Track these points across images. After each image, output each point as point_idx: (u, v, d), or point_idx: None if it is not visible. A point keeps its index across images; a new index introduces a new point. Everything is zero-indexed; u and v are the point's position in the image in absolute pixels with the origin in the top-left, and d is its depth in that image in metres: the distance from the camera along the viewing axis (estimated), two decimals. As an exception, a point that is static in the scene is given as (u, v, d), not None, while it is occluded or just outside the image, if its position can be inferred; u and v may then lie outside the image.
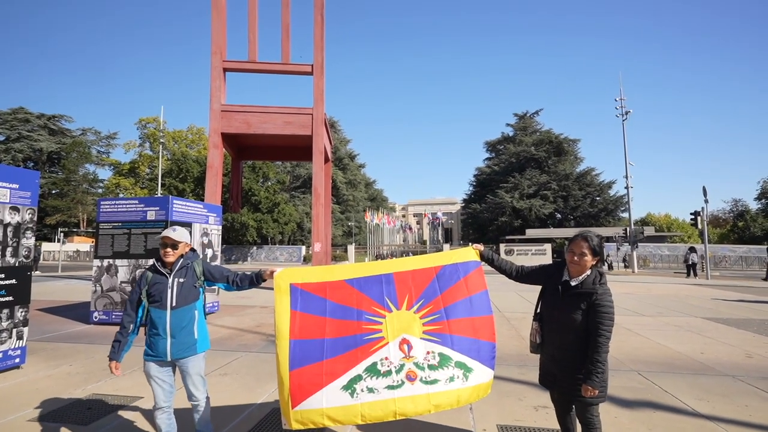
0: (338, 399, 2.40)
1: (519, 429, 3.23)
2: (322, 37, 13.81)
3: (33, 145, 46.66)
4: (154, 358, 2.52)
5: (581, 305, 2.32)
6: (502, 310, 9.24)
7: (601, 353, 2.24)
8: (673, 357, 5.47)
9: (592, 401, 2.34)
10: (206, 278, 2.69)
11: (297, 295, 2.61)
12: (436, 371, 2.50)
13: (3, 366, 4.55)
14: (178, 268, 2.58)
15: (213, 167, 12.98)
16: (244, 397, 3.88)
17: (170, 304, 2.51)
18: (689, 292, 13.67)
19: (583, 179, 47.22)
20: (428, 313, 2.65)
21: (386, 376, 2.46)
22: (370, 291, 2.69)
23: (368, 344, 2.54)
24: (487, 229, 48.25)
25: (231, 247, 39.87)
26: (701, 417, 3.49)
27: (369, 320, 2.61)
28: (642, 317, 8.59)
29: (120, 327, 2.53)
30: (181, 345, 2.52)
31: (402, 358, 2.52)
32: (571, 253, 2.41)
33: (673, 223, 60.13)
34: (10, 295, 4.64)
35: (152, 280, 2.55)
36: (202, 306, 2.68)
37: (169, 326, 2.49)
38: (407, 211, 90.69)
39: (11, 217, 4.71)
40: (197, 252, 2.75)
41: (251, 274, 2.69)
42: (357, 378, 2.44)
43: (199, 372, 2.63)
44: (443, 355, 2.55)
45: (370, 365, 2.49)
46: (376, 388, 2.43)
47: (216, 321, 7.83)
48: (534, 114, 54.17)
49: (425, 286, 2.73)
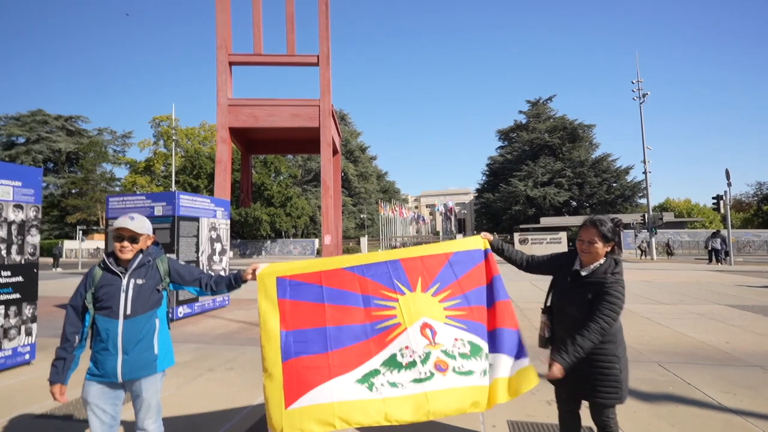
0: (353, 393, 1.91)
1: (531, 425, 3.07)
2: (327, 27, 13.58)
3: (52, 146, 47.83)
4: (100, 379, 2.00)
5: (591, 297, 2.11)
6: (516, 300, 9.03)
7: (587, 340, 1.99)
8: (696, 347, 5.21)
9: (607, 402, 2.12)
10: (173, 280, 2.21)
11: (285, 285, 2.19)
12: (469, 361, 2.08)
13: (13, 362, 4.60)
14: (135, 267, 2.07)
15: (222, 162, 12.98)
16: (248, 392, 3.81)
17: (123, 312, 2.00)
18: (711, 278, 13.18)
19: (599, 165, 46.09)
20: (448, 297, 2.29)
21: (410, 368, 2.01)
22: (375, 275, 2.29)
23: (382, 334, 2.11)
24: (501, 218, 47.66)
25: (245, 241, 40.35)
26: (728, 411, 3.27)
27: (379, 306, 2.20)
28: (661, 305, 8.27)
29: (61, 341, 2.01)
30: (135, 363, 2.01)
31: (426, 345, 2.08)
32: (581, 241, 2.21)
33: (694, 208, 58.37)
34: (17, 292, 4.66)
35: (100, 281, 2.03)
36: (164, 313, 2.18)
37: (121, 339, 1.98)
38: (420, 203, 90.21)
39: (15, 215, 4.71)
40: (161, 246, 2.29)
41: (229, 275, 2.26)
42: (374, 372, 1.99)
43: (156, 396, 2.12)
44: (474, 344, 2.16)
45: (389, 358, 2.04)
46: (400, 383, 1.97)
47: (226, 315, 7.85)
48: (547, 100, 52.95)
49: (439, 270, 2.39)
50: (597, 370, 2.09)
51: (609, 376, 2.09)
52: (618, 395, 2.10)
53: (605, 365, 2.09)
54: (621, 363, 2.12)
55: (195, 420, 3.22)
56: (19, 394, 3.85)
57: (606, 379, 2.09)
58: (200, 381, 4.15)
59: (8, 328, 4.56)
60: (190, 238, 7.76)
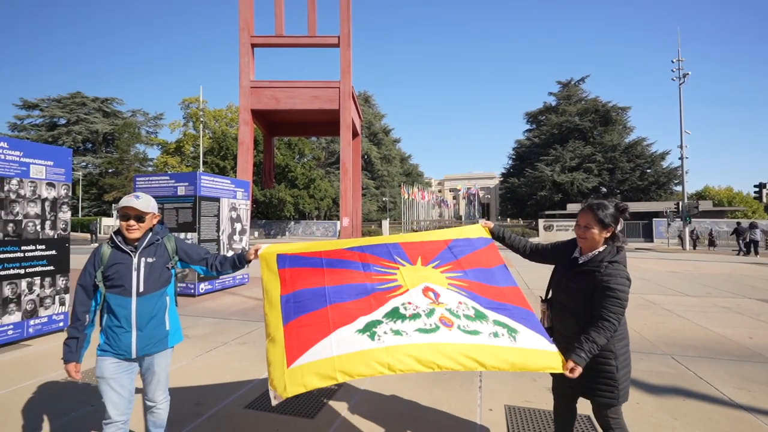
0: (354, 343, 1.81)
1: (528, 411, 3.09)
2: (348, 7, 13.39)
3: (90, 127, 50.05)
4: (114, 354, 2.05)
5: (586, 286, 2.00)
6: (531, 287, 8.90)
7: (602, 336, 1.91)
8: (716, 341, 5.02)
9: (601, 401, 2.02)
10: (180, 258, 2.28)
11: (285, 258, 2.27)
12: (474, 322, 1.96)
13: (48, 329, 4.99)
14: (145, 245, 2.11)
15: (244, 144, 13.25)
16: (258, 365, 3.99)
17: (136, 290, 2.04)
18: (745, 271, 12.52)
19: (633, 150, 43.93)
20: (449, 270, 2.29)
21: (414, 319, 1.92)
22: (375, 251, 2.32)
23: (383, 292, 2.08)
24: (526, 203, 46.60)
25: (270, 222, 41.34)
26: (738, 407, 3.17)
27: (379, 271, 2.19)
28: (686, 297, 7.97)
29: (72, 320, 2.06)
30: (149, 339, 2.08)
31: (430, 303, 2.02)
32: (577, 226, 2.11)
33: (736, 196, 55.10)
34: (51, 264, 5.01)
35: (110, 260, 2.06)
36: (173, 291, 2.25)
37: (135, 317, 2.04)
38: (443, 186, 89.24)
39: (48, 193, 5.02)
40: (166, 226, 2.33)
41: (233, 255, 2.33)
42: (376, 322, 1.92)
43: (166, 370, 2.22)
44: (478, 310, 2.06)
45: (391, 310, 1.97)
46: (404, 331, 1.86)
47: (244, 292, 8.16)
48: (579, 81, 50.51)
49: (438, 252, 2.42)
50: (591, 366, 1.96)
51: (603, 373, 1.99)
52: (613, 395, 1.98)
53: (599, 361, 1.97)
54: (618, 360, 1.98)
55: (204, 390, 3.42)
56: (53, 358, 4.18)
57: (600, 376, 1.99)
58: (214, 353, 4.38)
59: (44, 298, 4.93)
60: (211, 217, 8.03)
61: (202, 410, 3.04)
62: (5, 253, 4.54)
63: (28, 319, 4.77)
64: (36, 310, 4.84)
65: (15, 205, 4.66)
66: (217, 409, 3.07)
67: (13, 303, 4.61)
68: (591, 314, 1.98)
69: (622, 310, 1.94)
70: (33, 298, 4.81)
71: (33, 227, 4.82)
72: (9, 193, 4.60)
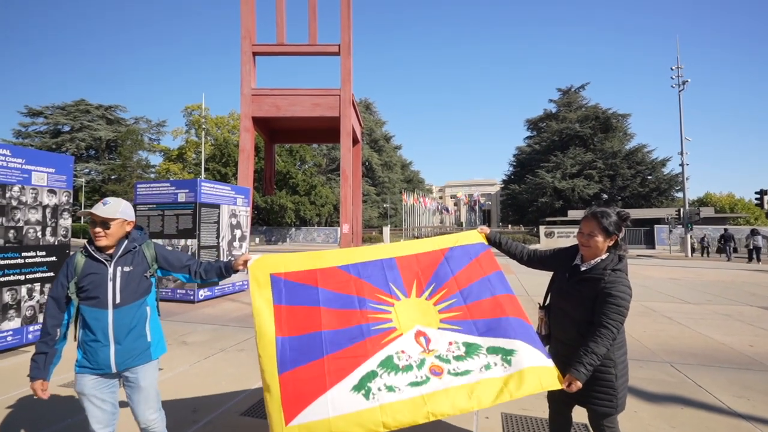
0: (349, 404, 1.88)
1: (525, 419, 3.08)
2: (349, 16, 13.54)
3: (93, 134, 50.41)
4: (92, 371, 1.93)
5: (588, 294, 1.99)
6: (531, 294, 8.89)
7: (600, 345, 1.89)
8: (716, 349, 5.00)
9: (599, 410, 2.00)
10: (160, 266, 2.16)
11: (280, 286, 2.19)
12: (464, 361, 2.04)
13: (47, 335, 5.00)
14: (121, 254, 1.99)
15: (245, 151, 13.33)
16: (255, 372, 3.98)
17: (112, 301, 1.93)
18: (748, 278, 12.47)
19: (633, 157, 43.98)
20: (443, 298, 2.31)
21: (406, 371, 1.99)
22: (370, 277, 2.33)
23: (379, 335, 2.13)
24: (527, 210, 46.55)
25: (271, 228, 41.38)
26: (736, 416, 3.15)
27: (374, 309, 2.23)
28: (686, 305, 7.93)
29: (42, 334, 1.91)
30: (129, 352, 1.97)
31: (421, 352, 2.08)
32: (580, 234, 2.12)
33: (738, 203, 54.87)
34: (51, 271, 5.04)
35: (84, 270, 1.93)
36: (153, 300, 2.13)
37: (112, 329, 1.92)
38: (444, 193, 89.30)
39: (49, 200, 5.06)
40: (145, 231, 2.22)
41: (219, 263, 2.21)
42: (371, 375, 1.97)
43: (154, 384, 2.09)
44: (469, 344, 2.12)
45: (385, 359, 2.03)
46: (397, 386, 1.92)
47: (243, 299, 8.15)
48: (579, 88, 50.74)
49: (434, 268, 2.42)
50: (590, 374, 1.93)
51: (602, 381, 1.97)
52: (612, 403, 1.97)
53: (598, 369, 1.95)
54: (617, 369, 1.97)
55: (201, 397, 3.42)
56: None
57: (599, 385, 1.97)
58: (211, 360, 4.38)
59: (43, 304, 4.94)
60: (211, 224, 8.06)
61: (199, 417, 3.04)
62: (6, 259, 4.57)
63: (28, 325, 4.78)
64: (35, 317, 4.86)
65: (16, 212, 4.70)
66: (213, 416, 3.07)
67: (12, 309, 4.63)
68: (591, 322, 1.97)
69: (622, 318, 1.92)
70: (32, 304, 4.83)
71: (34, 234, 4.86)
72: (11, 200, 4.65)
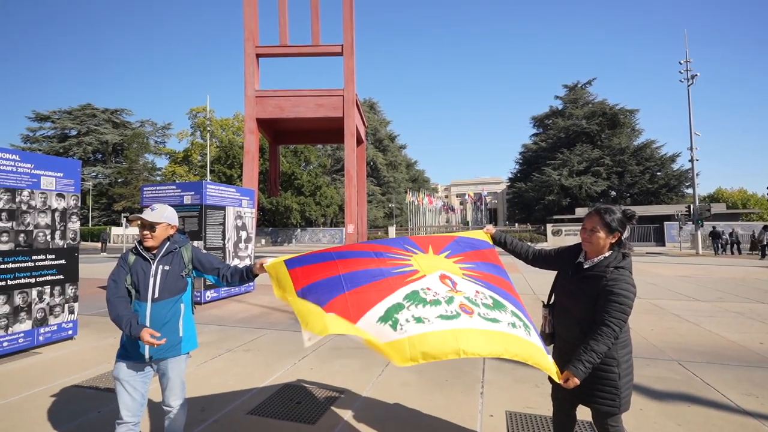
0: (376, 335, 1.75)
1: (529, 417, 3.07)
2: (352, 16, 13.57)
3: (100, 138, 51.04)
4: (127, 359, 2.16)
5: (591, 292, 1.97)
6: (537, 293, 8.84)
7: (601, 344, 1.88)
8: (725, 347, 4.94)
9: (601, 409, 1.99)
10: (194, 267, 2.35)
11: (293, 260, 2.19)
12: (493, 311, 1.91)
13: (58, 337, 5.08)
14: (163, 254, 2.24)
15: (249, 152, 13.42)
16: (260, 372, 4.03)
17: (151, 295, 2.16)
18: (759, 275, 12.29)
19: (642, 153, 43.50)
20: (460, 261, 2.27)
21: (435, 305, 1.84)
22: (386, 243, 2.33)
23: (401, 276, 2.02)
24: (534, 208, 46.28)
25: (276, 229, 41.56)
26: (744, 414, 3.12)
27: (393, 257, 2.16)
28: (696, 302, 7.84)
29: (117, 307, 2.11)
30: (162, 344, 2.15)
31: (448, 291, 1.95)
32: (583, 229, 2.10)
33: (750, 198, 54.08)
34: (60, 273, 5.12)
35: (134, 266, 2.20)
36: (189, 298, 2.33)
37: (149, 321, 2.13)
38: (450, 192, 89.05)
39: (58, 203, 5.14)
40: (186, 236, 2.42)
41: (243, 268, 2.37)
42: (397, 306, 1.83)
43: (180, 376, 2.28)
44: (495, 300, 2.01)
45: (411, 293, 1.91)
46: (425, 318, 1.78)
47: (250, 300, 8.22)
48: (586, 84, 50.28)
49: (447, 243, 2.46)
50: (593, 373, 1.92)
51: (605, 380, 1.95)
52: (615, 403, 1.95)
53: (601, 368, 1.94)
54: (621, 368, 1.95)
55: (209, 396, 3.46)
56: (62, 366, 4.26)
57: (601, 384, 1.96)
58: (218, 360, 4.42)
59: (53, 306, 5.03)
60: (217, 225, 8.14)
61: (206, 416, 3.08)
62: (17, 262, 4.65)
63: (39, 327, 4.86)
64: (46, 319, 4.94)
65: (26, 216, 4.78)
66: (220, 414, 3.11)
67: (24, 311, 4.71)
68: (594, 320, 1.96)
69: (625, 317, 1.90)
70: (43, 306, 4.92)
71: (43, 237, 4.94)
72: (21, 204, 4.73)
